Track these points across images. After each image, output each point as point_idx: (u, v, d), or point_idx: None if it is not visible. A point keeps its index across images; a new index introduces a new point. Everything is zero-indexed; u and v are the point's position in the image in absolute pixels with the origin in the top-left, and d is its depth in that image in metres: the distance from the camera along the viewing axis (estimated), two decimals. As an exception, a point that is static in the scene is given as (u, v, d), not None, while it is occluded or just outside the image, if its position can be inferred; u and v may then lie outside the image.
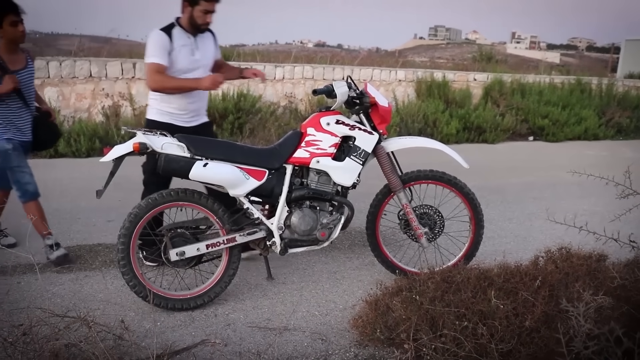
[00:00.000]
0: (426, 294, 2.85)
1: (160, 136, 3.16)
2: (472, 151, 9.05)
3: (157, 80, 3.49)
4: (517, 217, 5.42)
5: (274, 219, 3.36)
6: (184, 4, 3.52)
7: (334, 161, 3.37)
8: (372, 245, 3.71)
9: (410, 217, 3.58)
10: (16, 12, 3.54)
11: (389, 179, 3.55)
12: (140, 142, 3.06)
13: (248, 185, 3.24)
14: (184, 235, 3.24)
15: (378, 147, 3.49)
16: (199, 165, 3.12)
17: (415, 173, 3.63)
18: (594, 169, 3.47)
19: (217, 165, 3.17)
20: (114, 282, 3.59)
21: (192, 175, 3.12)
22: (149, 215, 3.15)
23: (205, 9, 3.50)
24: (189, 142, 3.18)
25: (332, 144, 3.37)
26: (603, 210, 5.30)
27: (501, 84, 12.31)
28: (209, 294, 3.29)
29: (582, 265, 3.09)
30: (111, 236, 4.37)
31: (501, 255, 3.65)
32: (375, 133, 3.47)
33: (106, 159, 3.11)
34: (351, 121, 3.45)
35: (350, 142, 3.43)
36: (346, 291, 3.61)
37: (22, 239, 4.25)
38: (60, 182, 6.06)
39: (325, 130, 3.38)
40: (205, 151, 3.19)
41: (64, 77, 8.84)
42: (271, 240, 3.36)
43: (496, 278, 2.96)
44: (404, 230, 3.71)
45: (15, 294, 3.36)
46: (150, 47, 3.47)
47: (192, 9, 3.50)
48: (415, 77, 12.10)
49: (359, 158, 3.41)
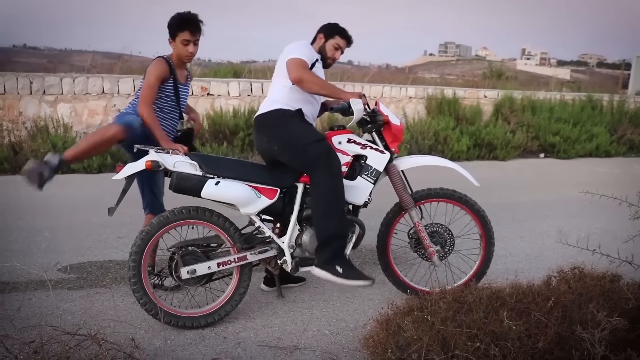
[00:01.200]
0: (438, 314, 2.82)
1: (172, 154, 3.18)
2: (482, 168, 9.04)
3: (305, 72, 3.33)
4: (528, 235, 5.38)
5: (285, 237, 3.35)
6: (320, 36, 3.63)
7: (345, 180, 3.36)
8: (384, 265, 3.68)
9: (422, 235, 3.57)
10: (192, 33, 3.49)
11: (401, 197, 3.54)
12: (153, 160, 3.07)
13: (259, 204, 3.24)
14: (195, 253, 3.23)
15: (390, 166, 3.49)
16: (210, 183, 3.13)
17: (426, 191, 3.62)
18: (606, 186, 3.45)
19: (229, 184, 3.17)
20: (124, 299, 3.59)
21: (204, 193, 3.13)
22: (161, 234, 3.15)
23: (338, 43, 3.61)
24: (201, 161, 3.19)
25: (344, 163, 3.38)
26: (616, 229, 5.26)
27: (512, 100, 12.30)
28: (220, 312, 3.28)
29: (596, 285, 3.05)
30: (122, 252, 4.38)
31: (513, 275, 3.62)
32: (387, 152, 3.47)
33: (119, 176, 3.12)
34: (363, 140, 3.45)
35: (361, 161, 3.44)
36: (357, 310, 3.59)
37: (34, 254, 4.28)
38: (71, 198, 6.11)
39: (337, 149, 3.38)
40: (217, 169, 3.19)
41: (77, 93, 8.92)
42: (282, 259, 3.35)
43: (508, 298, 2.93)
44: (415, 249, 3.69)
45: (27, 310, 3.37)
46: (297, 49, 3.42)
47: (326, 42, 3.60)
48: (425, 94, 12.12)
49: (371, 177, 3.41)
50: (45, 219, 5.26)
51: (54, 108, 8.77)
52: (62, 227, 5.04)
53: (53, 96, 8.78)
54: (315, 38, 3.64)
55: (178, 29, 3.47)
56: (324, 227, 3.24)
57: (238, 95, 10.10)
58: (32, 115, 8.54)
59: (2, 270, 3.96)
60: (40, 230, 4.90)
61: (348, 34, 3.63)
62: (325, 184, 3.21)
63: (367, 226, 3.51)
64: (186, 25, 3.46)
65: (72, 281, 3.88)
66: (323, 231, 3.23)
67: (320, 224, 3.25)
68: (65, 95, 8.86)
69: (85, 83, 8.97)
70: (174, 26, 3.48)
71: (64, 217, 5.37)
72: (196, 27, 3.49)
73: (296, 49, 3.43)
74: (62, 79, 8.85)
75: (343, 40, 3.61)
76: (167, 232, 3.20)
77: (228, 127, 8.78)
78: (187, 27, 3.46)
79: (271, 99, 3.50)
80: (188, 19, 3.48)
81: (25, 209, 5.58)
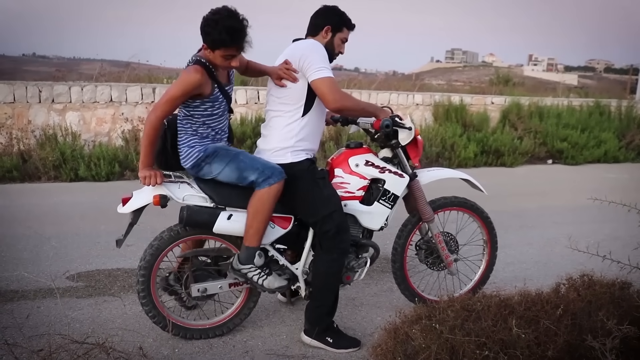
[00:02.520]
0: (446, 322, 2.81)
1: (181, 186, 3.04)
2: (490, 175, 9.00)
3: (346, 98, 3.01)
4: (537, 242, 5.35)
5: (298, 263, 3.23)
6: (325, 28, 3.16)
7: (362, 205, 3.25)
8: (400, 278, 3.60)
9: (442, 245, 3.55)
10: (240, 47, 2.87)
11: (422, 209, 3.45)
12: (161, 194, 2.94)
13: (273, 235, 3.11)
14: (207, 269, 3.17)
15: (412, 183, 3.39)
16: (223, 217, 2.99)
17: (442, 200, 3.60)
18: (615, 192, 3.43)
19: (242, 217, 3.01)
20: (132, 307, 3.60)
21: (217, 229, 2.99)
22: (171, 248, 3.08)
23: (345, 36, 3.25)
24: (212, 192, 3.03)
25: (361, 187, 3.25)
26: (625, 236, 5.22)
27: (519, 107, 12.27)
28: (228, 325, 3.26)
29: (605, 293, 3.03)
30: (130, 261, 4.39)
31: (522, 282, 3.60)
32: (406, 175, 3.34)
33: (124, 210, 2.99)
34: (381, 162, 3.31)
35: (379, 185, 3.30)
36: (365, 318, 3.58)
37: (42, 263, 4.30)
38: (80, 206, 6.13)
39: (354, 173, 3.24)
40: (230, 200, 3.04)
41: (85, 101, 8.98)
42: (296, 285, 3.26)
43: (517, 306, 2.91)
44: (424, 259, 3.66)
45: (35, 319, 3.38)
46: (321, 59, 2.98)
47: (334, 36, 3.19)
48: (432, 101, 12.11)
49: (388, 202, 3.29)
50: (53, 227, 5.28)
51: (62, 116, 8.82)
52: (70, 235, 5.05)
53: (62, 104, 8.83)
54: (318, 31, 3.18)
55: (223, 43, 2.81)
56: (319, 300, 3.16)
57: (245, 103, 10.13)
58: (41, 123, 8.60)
59: (11, 279, 3.98)
60: (49, 238, 4.92)
61: (352, 23, 3.26)
62: (332, 262, 3.11)
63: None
64: (237, 40, 2.82)
65: (81, 289, 3.89)
66: (317, 305, 3.16)
67: (317, 295, 3.16)
68: (74, 104, 8.92)
69: (94, 91, 9.02)
70: (218, 41, 2.79)
71: (72, 225, 5.39)
72: (244, 40, 2.87)
73: (319, 60, 2.97)
74: (70, 88, 8.91)
75: (349, 30, 3.26)
76: (178, 245, 3.14)
77: (235, 135, 8.80)
78: (237, 42, 2.83)
79: (280, 137, 3.10)
80: (239, 30, 2.81)
81: (34, 217, 5.60)
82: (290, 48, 3.14)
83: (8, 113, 8.51)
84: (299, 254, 3.25)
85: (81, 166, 7.68)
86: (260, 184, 2.94)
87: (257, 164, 2.98)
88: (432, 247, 3.61)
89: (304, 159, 3.11)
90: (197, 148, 3.01)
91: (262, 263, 3.05)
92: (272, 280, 3.08)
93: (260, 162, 3.01)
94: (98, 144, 8.56)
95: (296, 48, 3.08)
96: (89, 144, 8.62)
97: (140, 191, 3.01)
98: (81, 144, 8.34)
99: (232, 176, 3.00)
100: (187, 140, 3.04)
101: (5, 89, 8.51)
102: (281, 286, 3.12)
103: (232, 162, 2.99)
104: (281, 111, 3.11)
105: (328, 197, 3.10)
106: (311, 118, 3.12)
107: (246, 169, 2.97)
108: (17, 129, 8.41)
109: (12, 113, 8.55)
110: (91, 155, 7.97)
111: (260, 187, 2.94)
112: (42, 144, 8.16)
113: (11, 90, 8.54)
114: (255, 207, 2.95)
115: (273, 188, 2.94)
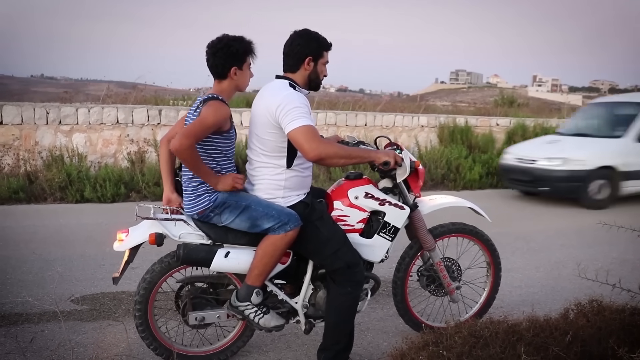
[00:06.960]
0: (453, 349, 2.77)
1: (177, 224, 2.96)
2: (495, 197, 8.97)
3: (326, 146, 2.80)
4: (544, 265, 5.30)
5: (298, 297, 3.15)
6: (306, 60, 3.00)
7: (361, 237, 3.19)
8: (402, 310, 3.56)
9: (443, 273, 3.51)
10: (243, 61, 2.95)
11: (423, 239, 3.41)
12: (157, 233, 2.91)
13: (273, 270, 3.03)
14: (205, 297, 3.13)
15: (414, 213, 3.34)
16: (220, 255, 2.92)
17: (440, 229, 3.56)
18: (622, 213, 3.39)
19: (240, 254, 2.96)
20: (136, 332, 3.55)
21: (214, 267, 2.93)
22: (164, 280, 3.05)
23: (326, 59, 3.10)
24: (208, 229, 2.96)
25: (360, 220, 3.17)
26: (634, 259, 5.18)
27: (524, 128, 12.28)
28: (232, 349, 3.22)
29: (615, 319, 2.99)
30: (135, 284, 4.34)
31: (529, 307, 3.57)
32: (407, 207, 3.27)
33: (121, 248, 2.97)
34: (381, 194, 3.23)
35: (379, 217, 3.22)
36: (371, 343, 3.54)
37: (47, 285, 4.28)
38: (85, 228, 6.13)
39: (353, 205, 3.16)
40: (227, 237, 2.98)
41: (91, 123, 9.05)
42: (295, 319, 3.20)
43: (525, 332, 2.87)
44: (426, 286, 3.61)
45: (39, 343, 3.36)
46: (299, 109, 2.81)
47: (316, 65, 3.05)
48: (437, 123, 12.13)
49: (389, 234, 3.22)
50: (59, 249, 5.28)
51: (69, 138, 8.88)
52: (75, 257, 5.05)
53: (69, 126, 8.90)
54: (299, 64, 3.02)
55: (247, 53, 2.95)
56: (334, 338, 3.06)
57: (251, 124, 10.15)
58: (47, 144, 8.66)
59: (15, 302, 3.96)
60: (54, 260, 4.92)
61: (329, 42, 3.10)
62: (346, 295, 3.01)
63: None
64: (252, 49, 2.99)
65: (85, 313, 3.87)
66: (333, 342, 3.06)
67: (331, 331, 3.06)
68: (81, 125, 8.99)
69: (100, 113, 9.09)
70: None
71: (77, 247, 5.39)
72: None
73: (292, 108, 2.80)
74: (77, 109, 8.99)
75: (328, 52, 3.10)
76: (172, 276, 3.09)
77: (241, 157, 8.81)
78: (253, 51, 3.00)
79: (269, 187, 3.00)
80: (251, 41, 3.00)
81: (40, 239, 5.60)
82: (267, 96, 2.98)
83: (16, 134, 8.59)
84: (298, 288, 3.18)
85: (87, 187, 7.70)
86: (276, 229, 2.87)
87: (272, 211, 2.89)
88: (434, 274, 3.57)
89: (298, 202, 3.01)
90: (205, 197, 2.91)
91: (260, 301, 3.00)
92: (269, 319, 3.01)
93: (275, 208, 2.91)
94: (104, 165, 8.61)
95: (273, 97, 2.90)
96: (95, 165, 8.67)
97: (136, 227, 2.99)
98: (87, 166, 8.38)
99: (244, 225, 2.93)
100: (194, 188, 2.94)
101: (13, 110, 8.59)
102: (277, 325, 3.06)
103: (243, 213, 2.90)
104: (265, 162, 3.00)
105: (328, 238, 2.99)
106: (297, 167, 3.01)
107: (260, 218, 2.88)
108: (24, 150, 8.48)
109: (20, 134, 8.62)
110: (97, 176, 8.01)
111: (276, 232, 2.88)
112: (48, 165, 8.20)
113: (19, 111, 8.62)
114: (266, 251, 2.89)
115: (289, 234, 2.87)
